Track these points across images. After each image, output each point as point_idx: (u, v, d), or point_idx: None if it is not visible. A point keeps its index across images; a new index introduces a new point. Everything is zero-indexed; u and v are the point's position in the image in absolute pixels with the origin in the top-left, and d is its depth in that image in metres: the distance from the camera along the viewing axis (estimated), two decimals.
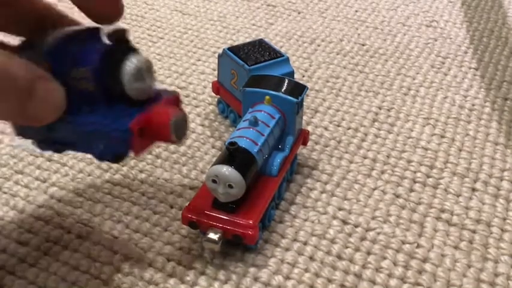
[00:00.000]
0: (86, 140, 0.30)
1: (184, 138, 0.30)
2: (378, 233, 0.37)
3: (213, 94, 0.48)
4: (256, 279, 0.34)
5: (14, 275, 0.34)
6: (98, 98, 0.29)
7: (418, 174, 0.42)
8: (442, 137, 0.46)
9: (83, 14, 0.30)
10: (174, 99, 0.31)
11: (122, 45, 0.29)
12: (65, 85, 0.28)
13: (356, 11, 0.64)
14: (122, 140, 0.29)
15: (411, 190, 0.41)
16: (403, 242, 0.37)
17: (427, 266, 0.35)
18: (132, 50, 0.29)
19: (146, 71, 0.29)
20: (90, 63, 0.29)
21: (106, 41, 0.29)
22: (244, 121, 0.37)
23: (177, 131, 0.29)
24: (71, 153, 0.41)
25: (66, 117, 0.29)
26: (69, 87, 0.28)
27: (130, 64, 0.28)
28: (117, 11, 0.30)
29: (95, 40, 0.29)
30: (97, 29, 0.30)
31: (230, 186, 0.33)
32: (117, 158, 0.30)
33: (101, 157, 0.30)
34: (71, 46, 0.29)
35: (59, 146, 0.31)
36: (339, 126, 0.47)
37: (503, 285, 0.34)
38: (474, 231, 0.38)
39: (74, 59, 0.29)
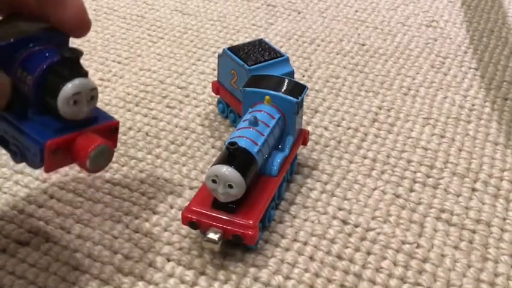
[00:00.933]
0: (16, 142, 0.30)
1: (102, 169, 0.31)
2: (378, 233, 0.37)
3: (213, 94, 0.48)
4: (256, 279, 0.34)
5: (14, 275, 0.34)
6: (33, 105, 0.30)
7: (418, 174, 0.42)
8: (442, 137, 0.46)
9: None
10: (110, 127, 0.32)
11: (72, 65, 0.29)
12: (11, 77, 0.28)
13: (356, 11, 0.64)
14: (35, 152, 0.29)
15: (411, 190, 0.41)
16: (403, 242, 0.37)
17: (427, 266, 0.35)
18: (79, 74, 0.29)
19: (84, 97, 0.29)
20: (33, 72, 0.29)
21: (58, 56, 0.29)
22: (244, 121, 0.37)
23: (94, 164, 0.29)
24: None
25: (2, 113, 0.29)
26: (14, 83, 0.29)
27: (67, 89, 0.28)
28: (83, 27, 0.31)
29: (48, 50, 0.30)
30: (57, 37, 0.30)
31: (230, 186, 0.33)
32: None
33: (27, 163, 0.31)
34: (26, 46, 0.30)
35: None
36: (339, 126, 0.47)
37: (503, 285, 0.34)
38: (474, 231, 0.38)
39: (24, 60, 0.29)
